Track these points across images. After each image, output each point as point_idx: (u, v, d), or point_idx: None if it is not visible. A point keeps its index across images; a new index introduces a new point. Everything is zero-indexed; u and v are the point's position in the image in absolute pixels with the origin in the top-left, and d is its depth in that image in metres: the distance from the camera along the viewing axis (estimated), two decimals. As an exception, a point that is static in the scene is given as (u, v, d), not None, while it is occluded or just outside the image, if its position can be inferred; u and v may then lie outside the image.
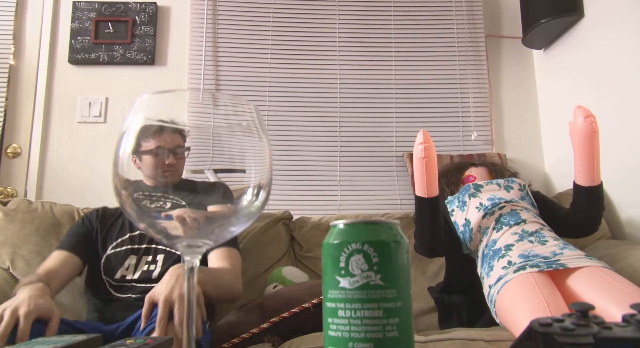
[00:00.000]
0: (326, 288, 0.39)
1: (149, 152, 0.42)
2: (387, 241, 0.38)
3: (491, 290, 1.39)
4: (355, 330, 0.36)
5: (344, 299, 0.37)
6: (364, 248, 0.37)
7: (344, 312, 0.37)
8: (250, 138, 0.39)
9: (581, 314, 0.32)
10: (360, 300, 0.37)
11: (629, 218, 1.86)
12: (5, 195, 2.17)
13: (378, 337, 0.36)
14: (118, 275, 1.40)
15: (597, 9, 2.03)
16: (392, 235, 0.39)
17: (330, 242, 0.39)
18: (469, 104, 2.44)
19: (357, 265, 0.37)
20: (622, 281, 1.23)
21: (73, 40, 2.35)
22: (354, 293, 0.37)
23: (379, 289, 0.37)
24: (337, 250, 0.38)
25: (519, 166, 2.24)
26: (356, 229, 0.38)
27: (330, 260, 0.39)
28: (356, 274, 0.37)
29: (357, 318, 0.36)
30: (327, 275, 0.39)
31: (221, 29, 2.43)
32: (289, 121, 2.36)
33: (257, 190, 0.39)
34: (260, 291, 1.76)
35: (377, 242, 0.38)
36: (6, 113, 2.25)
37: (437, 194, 1.49)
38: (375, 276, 0.37)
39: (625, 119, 1.84)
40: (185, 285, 0.38)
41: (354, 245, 0.38)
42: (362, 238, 0.38)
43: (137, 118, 0.38)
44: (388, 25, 2.49)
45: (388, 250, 0.38)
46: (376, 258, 0.37)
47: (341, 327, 0.37)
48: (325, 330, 0.38)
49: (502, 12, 2.58)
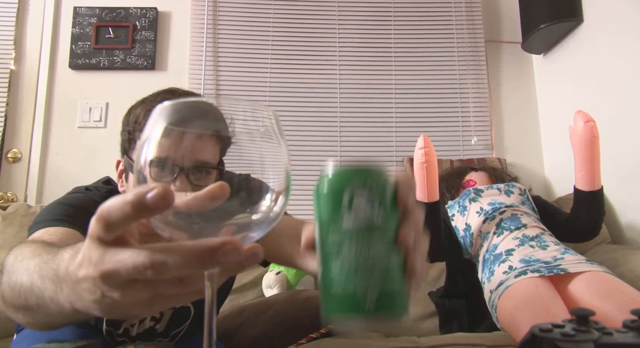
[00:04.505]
0: (326, 232, 0.38)
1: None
2: (384, 179, 0.39)
3: (492, 295, 1.39)
4: (361, 269, 0.36)
5: (349, 238, 0.37)
6: (366, 187, 0.38)
7: (350, 251, 0.37)
8: (269, 144, 0.39)
9: (582, 320, 0.32)
10: (368, 236, 0.37)
11: (630, 222, 1.86)
12: (5, 200, 2.17)
13: (383, 274, 0.37)
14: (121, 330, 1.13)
15: (597, 14, 2.04)
16: (385, 174, 0.39)
17: (328, 186, 0.39)
18: (469, 109, 2.44)
19: (360, 204, 0.37)
20: (623, 286, 1.23)
21: (74, 46, 2.35)
22: (360, 231, 0.37)
23: (382, 225, 0.37)
24: (337, 193, 0.38)
25: (519, 171, 2.23)
26: (355, 171, 0.39)
27: (331, 203, 0.38)
28: (360, 212, 0.37)
29: (364, 256, 0.37)
30: (327, 218, 0.38)
31: (221, 34, 2.44)
32: (290, 126, 2.36)
33: (275, 196, 0.38)
34: (260, 292, 1.76)
35: (375, 180, 0.38)
36: (7, 118, 2.25)
37: (437, 199, 1.49)
38: (378, 212, 0.37)
39: (625, 124, 1.84)
40: (207, 292, 0.37)
41: (353, 186, 0.38)
42: (361, 178, 0.38)
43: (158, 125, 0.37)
44: (388, 30, 2.50)
45: (385, 186, 0.39)
46: (378, 195, 0.38)
47: (346, 266, 0.37)
48: (326, 274, 0.38)
49: (501, 17, 2.59)
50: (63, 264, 0.41)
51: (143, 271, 0.32)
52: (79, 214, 0.88)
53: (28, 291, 0.48)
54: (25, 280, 0.49)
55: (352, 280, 0.36)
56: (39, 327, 0.55)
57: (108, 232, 0.34)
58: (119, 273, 0.33)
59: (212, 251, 0.32)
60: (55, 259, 0.44)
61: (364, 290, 0.36)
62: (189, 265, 0.33)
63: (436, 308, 1.71)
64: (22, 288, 0.49)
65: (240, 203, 0.37)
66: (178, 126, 0.36)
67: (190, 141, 0.38)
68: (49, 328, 0.54)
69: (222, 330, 1.38)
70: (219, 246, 0.32)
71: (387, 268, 0.37)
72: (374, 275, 0.36)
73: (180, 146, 0.38)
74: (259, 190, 0.37)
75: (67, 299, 0.41)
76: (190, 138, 0.38)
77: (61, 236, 0.79)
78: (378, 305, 0.36)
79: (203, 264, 0.33)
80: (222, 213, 0.36)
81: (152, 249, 0.33)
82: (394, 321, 0.37)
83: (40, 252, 0.51)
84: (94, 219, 0.34)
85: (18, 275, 0.51)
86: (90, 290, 0.36)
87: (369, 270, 0.36)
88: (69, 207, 0.90)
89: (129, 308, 0.37)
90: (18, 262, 0.53)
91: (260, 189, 0.37)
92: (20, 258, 0.53)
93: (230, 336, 1.38)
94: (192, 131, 0.38)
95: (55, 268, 0.42)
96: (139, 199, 0.31)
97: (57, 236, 0.78)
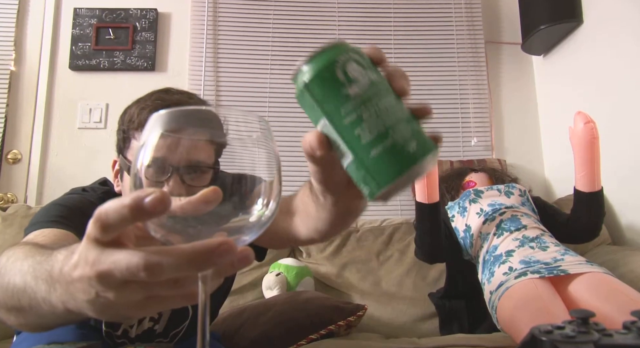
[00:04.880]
0: (339, 115, 0.39)
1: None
2: (351, 46, 0.41)
3: (492, 296, 1.39)
4: (386, 121, 0.38)
5: (363, 103, 0.38)
6: (348, 56, 0.40)
7: (370, 113, 0.38)
8: (261, 149, 0.40)
9: (582, 321, 0.32)
10: (376, 93, 0.39)
11: (630, 223, 1.86)
12: (5, 201, 2.17)
13: (405, 118, 0.39)
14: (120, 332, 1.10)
15: (596, 15, 2.04)
16: (347, 43, 0.41)
17: (319, 76, 0.40)
18: (469, 109, 2.45)
19: (355, 70, 0.39)
20: (623, 287, 1.23)
21: (74, 47, 2.35)
22: (367, 92, 0.39)
23: (379, 79, 0.40)
24: (331, 74, 0.39)
25: (519, 172, 2.23)
26: (329, 51, 0.40)
27: (330, 85, 0.39)
28: (359, 76, 0.39)
29: (383, 110, 0.38)
30: (334, 100, 0.39)
31: (221, 35, 2.44)
32: (290, 128, 2.36)
33: (267, 201, 0.39)
34: (260, 294, 1.76)
35: (348, 48, 0.40)
36: (7, 119, 2.25)
37: (437, 200, 1.49)
38: (370, 71, 0.40)
39: (625, 125, 1.84)
40: (200, 293, 0.37)
41: (339, 61, 0.39)
42: (342, 50, 0.40)
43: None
44: (388, 31, 2.50)
45: (357, 50, 0.41)
46: (361, 60, 0.40)
47: (374, 128, 0.38)
48: (360, 151, 0.39)
49: (501, 18, 2.59)
50: (57, 265, 0.41)
51: (137, 273, 0.33)
52: (74, 216, 0.88)
53: (21, 292, 0.48)
54: (18, 281, 0.49)
55: (385, 135, 0.38)
56: (30, 328, 0.55)
57: (105, 233, 0.34)
58: (113, 274, 0.34)
59: (209, 252, 0.33)
60: (49, 260, 0.44)
61: (400, 138, 0.38)
62: (183, 267, 0.33)
63: (436, 309, 1.71)
64: (15, 289, 0.49)
65: (233, 207, 0.38)
66: (174, 132, 0.38)
67: (184, 143, 0.40)
68: (41, 329, 0.54)
69: (222, 331, 1.38)
70: (215, 247, 0.33)
71: (404, 113, 0.40)
72: (399, 123, 0.39)
73: (175, 148, 0.39)
74: (251, 193, 0.38)
75: (60, 299, 0.41)
76: (182, 141, 0.39)
77: (55, 237, 0.79)
78: (417, 147, 0.38)
79: (198, 265, 0.33)
80: (216, 216, 0.37)
81: (147, 251, 0.33)
82: (432, 158, 0.39)
83: (33, 253, 0.51)
84: (92, 220, 0.35)
85: (10, 276, 0.51)
86: (84, 290, 0.37)
87: (392, 119, 0.38)
88: (64, 208, 0.90)
89: (123, 308, 0.38)
90: (10, 263, 0.53)
91: (252, 193, 0.39)
92: (13, 260, 0.53)
93: (230, 337, 1.38)
94: (187, 137, 0.39)
95: (49, 269, 0.43)
96: (137, 203, 0.32)
97: (50, 238, 0.78)
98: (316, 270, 1.87)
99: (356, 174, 0.40)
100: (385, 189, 0.39)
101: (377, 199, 0.40)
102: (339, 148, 0.40)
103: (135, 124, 0.90)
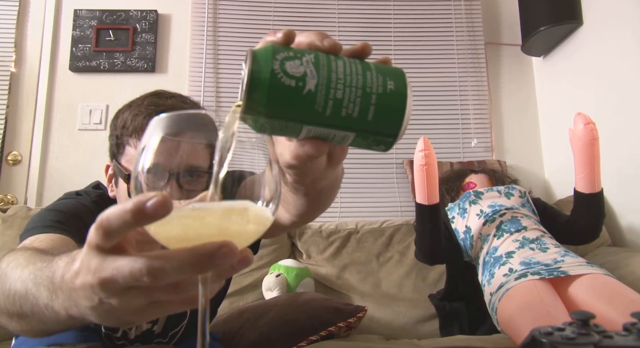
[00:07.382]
0: (314, 114, 0.37)
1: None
2: (271, 49, 0.38)
3: (492, 297, 1.39)
4: (353, 91, 0.37)
5: (326, 88, 0.37)
6: (278, 58, 0.37)
7: (337, 93, 0.37)
8: (259, 151, 0.40)
9: (582, 323, 0.32)
10: (329, 70, 0.37)
11: (630, 224, 1.86)
12: (5, 202, 2.17)
13: (379, 70, 0.39)
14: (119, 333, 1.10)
15: (596, 17, 2.04)
16: (264, 49, 0.38)
17: (264, 94, 0.36)
18: (469, 111, 2.45)
19: (294, 67, 0.37)
20: (623, 289, 1.23)
21: (74, 48, 2.36)
22: (321, 74, 0.37)
23: (317, 57, 0.38)
24: (277, 84, 0.36)
25: (519, 173, 2.23)
26: (259, 62, 0.37)
27: (284, 94, 0.36)
28: (303, 69, 0.37)
29: (344, 82, 0.37)
30: (299, 107, 0.37)
31: (222, 36, 2.45)
32: (289, 128, 2.36)
33: (266, 202, 0.39)
34: (260, 295, 1.76)
35: (273, 51, 0.37)
36: (7, 120, 2.26)
37: (437, 201, 1.49)
38: (304, 55, 0.37)
39: (626, 126, 1.84)
40: (200, 295, 0.37)
41: (274, 65, 0.36)
42: (268, 60, 0.37)
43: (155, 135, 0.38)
44: (388, 33, 2.50)
45: (280, 48, 0.38)
46: (287, 53, 0.37)
47: (348, 102, 0.37)
48: (357, 122, 0.38)
49: (501, 19, 2.59)
50: (58, 271, 0.41)
51: (139, 278, 0.33)
52: (69, 220, 0.88)
53: (22, 298, 0.48)
54: (20, 287, 0.49)
55: (367, 95, 0.38)
56: (33, 334, 0.55)
57: (107, 240, 0.35)
58: (116, 281, 0.34)
59: (210, 255, 0.33)
60: (50, 266, 0.44)
61: (378, 87, 0.38)
62: (186, 270, 0.33)
63: (436, 311, 1.71)
64: (17, 295, 0.49)
65: None
66: (174, 136, 0.38)
67: (184, 147, 0.40)
68: (43, 335, 0.54)
69: (222, 332, 1.38)
70: (217, 250, 0.33)
71: (358, 65, 0.39)
72: (365, 77, 0.38)
73: (172, 153, 0.39)
74: (251, 195, 0.39)
75: (62, 306, 0.41)
76: (182, 145, 0.40)
77: (52, 242, 0.79)
78: (394, 82, 0.39)
79: (200, 268, 0.34)
80: None
81: (148, 256, 0.34)
82: (407, 79, 0.40)
83: (34, 260, 0.51)
84: (94, 227, 0.35)
85: (12, 282, 0.51)
86: (87, 297, 0.37)
87: (359, 78, 0.38)
88: (59, 213, 0.90)
89: (125, 314, 0.38)
90: (11, 269, 0.53)
91: (252, 195, 0.39)
92: (13, 266, 0.53)
93: (230, 338, 1.38)
94: (187, 141, 0.40)
95: (50, 276, 0.43)
96: (139, 207, 0.32)
97: (47, 243, 0.78)
98: (316, 271, 1.87)
99: (364, 142, 0.40)
100: (400, 134, 0.39)
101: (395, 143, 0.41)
102: (335, 137, 0.39)
103: (129, 131, 0.90)
